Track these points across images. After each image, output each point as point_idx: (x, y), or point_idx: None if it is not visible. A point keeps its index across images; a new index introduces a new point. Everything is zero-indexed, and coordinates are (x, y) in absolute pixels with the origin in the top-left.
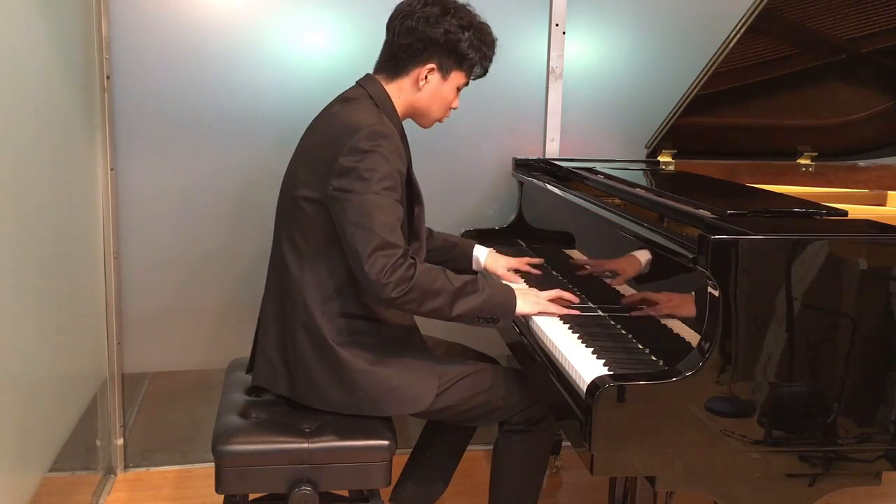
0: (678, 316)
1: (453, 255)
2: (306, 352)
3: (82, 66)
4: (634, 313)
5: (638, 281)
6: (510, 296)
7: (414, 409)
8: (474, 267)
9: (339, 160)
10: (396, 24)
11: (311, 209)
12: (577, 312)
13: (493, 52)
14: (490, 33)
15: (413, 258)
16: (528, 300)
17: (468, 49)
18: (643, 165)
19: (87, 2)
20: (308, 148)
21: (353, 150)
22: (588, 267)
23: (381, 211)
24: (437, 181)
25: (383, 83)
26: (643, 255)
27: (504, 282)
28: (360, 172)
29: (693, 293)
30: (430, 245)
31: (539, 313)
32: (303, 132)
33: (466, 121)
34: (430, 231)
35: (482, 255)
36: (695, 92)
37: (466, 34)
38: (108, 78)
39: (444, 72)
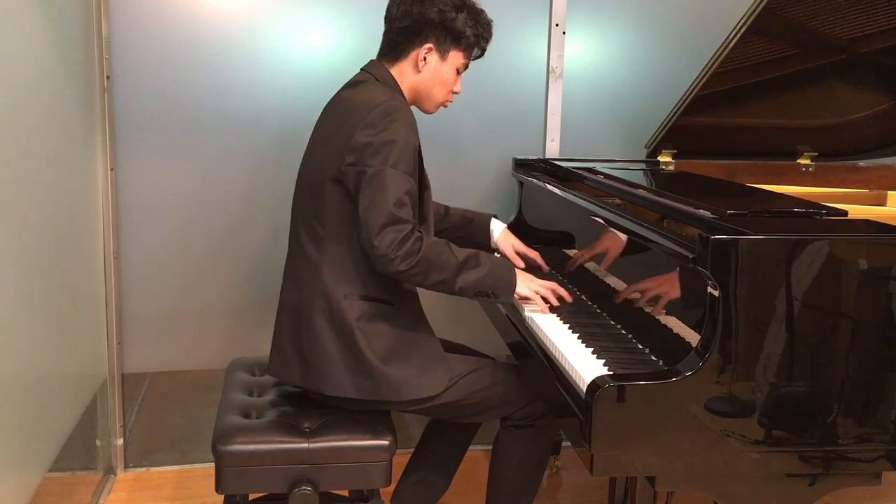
0: (676, 314)
1: (470, 231)
2: (325, 337)
3: (82, 66)
4: (621, 298)
5: (638, 280)
6: (510, 273)
7: (429, 392)
8: (491, 242)
9: (356, 136)
10: (393, 9)
11: (330, 191)
12: (570, 298)
13: (489, 33)
14: (485, 15)
15: (420, 231)
16: (526, 283)
17: (464, 27)
18: (643, 165)
19: (87, 2)
20: (323, 134)
21: (370, 125)
22: (575, 260)
23: (394, 186)
24: (437, 181)
25: (388, 67)
26: (620, 234)
27: (506, 259)
28: (376, 147)
29: (692, 292)
30: (446, 223)
31: (536, 296)
32: (303, 131)
33: (466, 121)
34: (446, 209)
35: (497, 230)
36: (695, 92)
37: (461, 14)
38: (108, 78)
39: (442, 52)
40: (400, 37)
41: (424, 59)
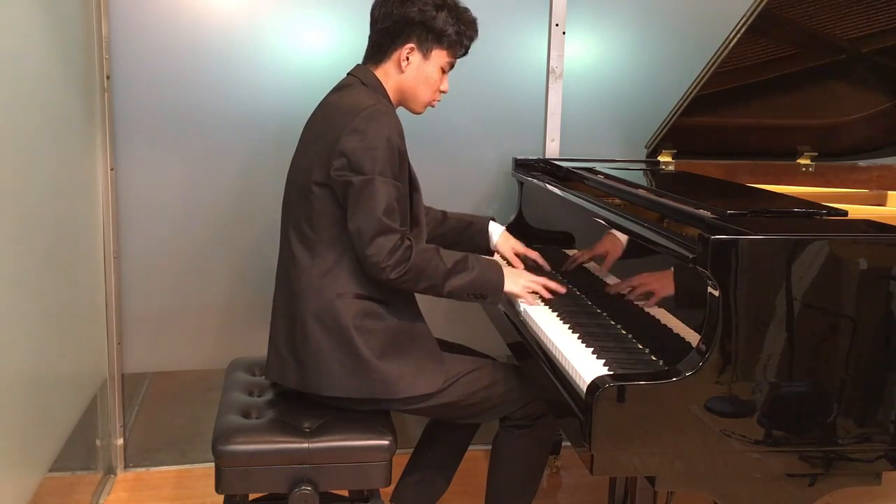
0: (677, 314)
1: (469, 234)
2: (319, 339)
3: (82, 66)
4: (617, 291)
5: (637, 278)
6: (498, 274)
7: (425, 390)
8: (491, 245)
9: (341, 142)
10: (375, 12)
11: (318, 194)
12: (563, 290)
13: (472, 31)
14: (468, 14)
15: (409, 240)
16: (515, 280)
17: (445, 25)
18: (643, 165)
19: (87, 2)
20: (310, 138)
21: (355, 130)
22: (574, 259)
23: (382, 194)
24: (437, 181)
25: (372, 70)
26: (620, 234)
27: (495, 259)
28: (362, 154)
29: (693, 292)
30: (444, 227)
31: (525, 292)
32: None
33: (466, 121)
34: (444, 214)
35: (496, 233)
36: (695, 92)
37: (441, 13)
38: (108, 78)
39: (425, 51)
40: (383, 38)
41: (407, 58)
